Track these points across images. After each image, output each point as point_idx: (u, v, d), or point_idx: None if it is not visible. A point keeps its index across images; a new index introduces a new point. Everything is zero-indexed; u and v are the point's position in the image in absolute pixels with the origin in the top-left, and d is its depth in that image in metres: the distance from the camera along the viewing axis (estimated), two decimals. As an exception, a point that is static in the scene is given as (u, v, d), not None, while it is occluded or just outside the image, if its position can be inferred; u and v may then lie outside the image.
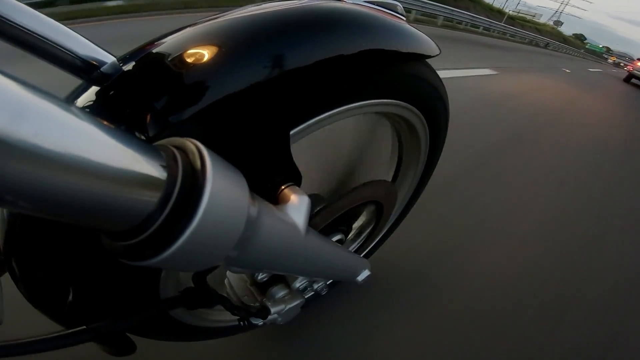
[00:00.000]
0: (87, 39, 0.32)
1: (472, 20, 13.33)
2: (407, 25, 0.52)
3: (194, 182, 0.23)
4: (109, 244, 0.24)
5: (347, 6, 0.44)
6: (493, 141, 2.34)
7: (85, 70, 0.32)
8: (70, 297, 0.38)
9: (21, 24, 0.28)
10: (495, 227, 1.45)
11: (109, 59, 0.33)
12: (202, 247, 0.24)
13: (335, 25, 0.41)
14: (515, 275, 1.20)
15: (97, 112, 0.32)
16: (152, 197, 0.22)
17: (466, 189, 1.66)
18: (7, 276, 0.36)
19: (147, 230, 0.22)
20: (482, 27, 14.63)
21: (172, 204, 0.22)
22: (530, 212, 1.64)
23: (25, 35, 0.28)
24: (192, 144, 0.25)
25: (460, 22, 12.92)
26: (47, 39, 0.29)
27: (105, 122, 0.21)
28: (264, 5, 0.39)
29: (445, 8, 10.53)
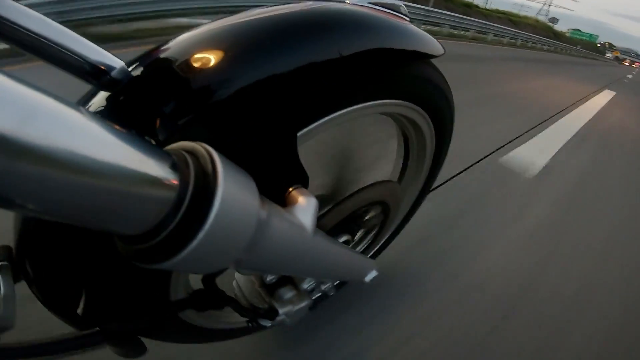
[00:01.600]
0: (95, 43, 0.33)
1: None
2: (411, 26, 0.52)
3: (205, 186, 0.23)
4: (122, 248, 0.24)
5: (351, 8, 0.44)
6: None
7: (95, 75, 0.32)
8: (83, 300, 0.39)
9: (31, 30, 0.28)
10: None
11: (118, 64, 0.33)
12: (214, 250, 0.25)
13: (340, 28, 0.41)
14: None
15: (109, 117, 0.32)
16: (165, 201, 0.22)
17: None
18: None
19: (161, 233, 0.22)
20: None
21: (185, 208, 0.23)
22: None
23: (35, 41, 0.28)
24: (203, 148, 0.26)
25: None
26: (56, 44, 0.29)
27: (117, 127, 0.21)
28: (270, 9, 0.40)
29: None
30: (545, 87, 5.14)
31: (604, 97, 5.66)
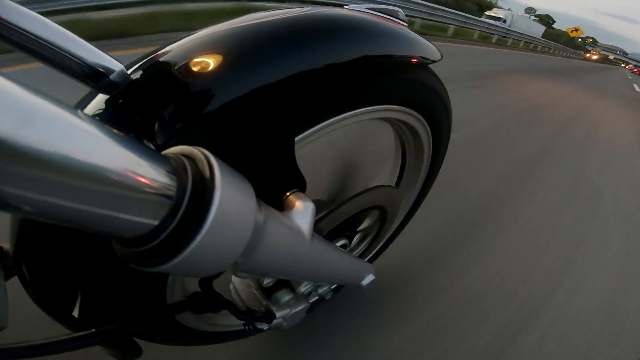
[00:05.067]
0: (95, 46, 0.33)
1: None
2: (409, 31, 0.52)
3: (203, 190, 0.24)
4: (120, 250, 0.24)
5: (350, 13, 0.45)
6: None
7: (94, 78, 0.32)
8: (79, 301, 0.39)
9: (30, 31, 0.28)
10: None
11: (117, 66, 0.33)
12: (211, 253, 0.25)
13: (338, 33, 0.41)
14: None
15: (107, 120, 0.32)
16: (163, 205, 0.22)
17: None
18: (15, 280, 0.37)
19: (159, 237, 0.23)
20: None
21: (183, 212, 0.23)
22: None
23: (34, 42, 0.28)
24: (201, 153, 0.26)
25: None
26: (55, 46, 0.29)
27: (116, 131, 0.22)
28: (269, 13, 0.40)
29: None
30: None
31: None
